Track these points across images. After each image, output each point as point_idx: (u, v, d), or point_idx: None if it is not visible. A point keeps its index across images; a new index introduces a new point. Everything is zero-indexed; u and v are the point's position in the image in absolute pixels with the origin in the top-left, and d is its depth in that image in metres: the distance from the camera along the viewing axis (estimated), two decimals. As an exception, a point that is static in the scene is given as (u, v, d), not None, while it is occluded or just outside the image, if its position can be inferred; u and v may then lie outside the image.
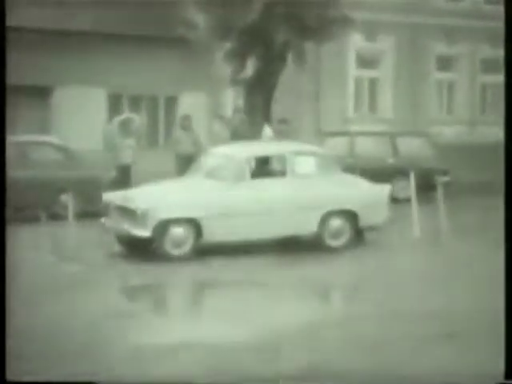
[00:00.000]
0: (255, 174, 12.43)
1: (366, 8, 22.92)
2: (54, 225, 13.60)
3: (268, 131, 19.68)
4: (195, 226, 11.80)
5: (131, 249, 12.27)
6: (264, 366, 6.94)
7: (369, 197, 12.87)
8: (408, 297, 9.72)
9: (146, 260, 11.70)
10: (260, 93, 18.88)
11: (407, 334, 7.94)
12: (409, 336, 7.86)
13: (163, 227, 11.65)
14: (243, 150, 12.86)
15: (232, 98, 21.87)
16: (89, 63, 20.46)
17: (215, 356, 7.24)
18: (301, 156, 12.75)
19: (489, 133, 26.47)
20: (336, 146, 17.74)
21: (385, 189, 13.10)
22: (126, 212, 11.90)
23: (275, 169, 12.88)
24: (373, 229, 12.97)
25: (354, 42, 24.32)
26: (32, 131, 17.97)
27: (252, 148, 13.40)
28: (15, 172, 13.54)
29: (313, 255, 12.23)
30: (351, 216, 12.62)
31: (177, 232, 11.74)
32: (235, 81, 19.14)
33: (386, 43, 25.40)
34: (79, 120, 20.40)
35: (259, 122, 18.65)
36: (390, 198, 13.22)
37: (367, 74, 25.51)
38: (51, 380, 6.52)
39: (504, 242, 6.78)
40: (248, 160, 12.49)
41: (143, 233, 11.62)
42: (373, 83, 25.58)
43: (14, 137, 14.33)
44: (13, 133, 12.50)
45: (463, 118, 26.61)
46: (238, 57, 18.64)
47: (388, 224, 13.02)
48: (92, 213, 13.53)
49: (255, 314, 8.97)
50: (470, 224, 15.09)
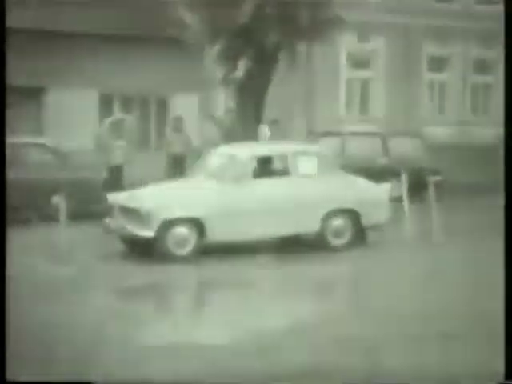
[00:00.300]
0: (258, 174, 12.54)
1: (358, 9, 22.93)
2: (46, 226, 13.57)
3: (265, 131, 19.73)
4: (198, 226, 11.87)
5: (134, 249, 12.32)
6: (268, 366, 6.94)
7: (370, 196, 13.00)
8: (403, 297, 9.73)
9: (149, 260, 11.73)
10: (252, 94, 18.87)
11: (404, 335, 7.94)
12: (406, 336, 7.87)
13: (167, 227, 11.71)
14: (246, 150, 12.97)
15: (224, 99, 21.86)
16: (80, 64, 20.43)
17: (218, 357, 7.23)
18: (303, 156, 12.86)
19: (480, 133, 26.53)
20: (328, 147, 17.74)
21: (385, 188, 13.20)
22: (130, 212, 11.98)
23: (277, 168, 12.97)
24: (375, 228, 13.07)
25: (346, 43, 24.32)
26: (24, 132, 17.92)
27: (254, 148, 13.51)
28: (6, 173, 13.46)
29: (315, 254, 12.31)
30: (353, 215, 12.74)
31: (180, 232, 11.81)
32: (227, 82, 19.13)
33: (378, 44, 25.43)
34: (71, 121, 20.36)
35: (251, 123, 18.66)
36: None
37: (359, 75, 25.52)
38: (51, 380, 6.51)
39: (504, 242, 6.79)
40: (250, 160, 12.58)
41: (147, 233, 11.69)
42: (365, 84, 25.60)
43: (6, 138, 14.26)
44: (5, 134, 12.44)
45: (455, 119, 26.64)
46: (230, 58, 18.63)
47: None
48: (84, 214, 13.50)
49: (258, 314, 9.01)
50: (462, 224, 15.12)
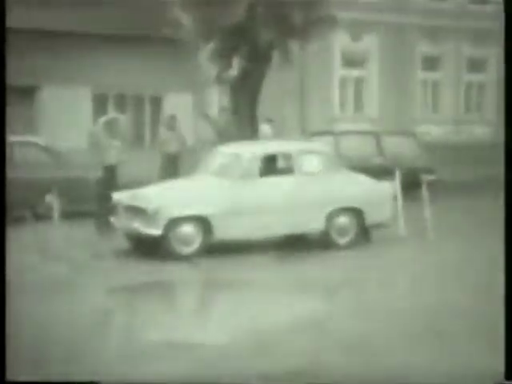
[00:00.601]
0: (263, 172, 12.59)
1: (352, 7, 22.97)
2: (40, 225, 13.56)
3: (265, 129, 19.72)
4: (205, 224, 11.95)
5: (139, 247, 12.38)
6: (274, 366, 6.95)
7: (374, 194, 13.08)
8: (399, 296, 9.74)
9: (153, 258, 11.77)
10: (246, 92, 18.87)
11: (400, 332, 7.96)
12: (404, 335, 7.89)
13: (173, 225, 11.78)
14: (251, 149, 13.05)
15: (218, 98, 21.86)
16: (74, 63, 20.42)
17: (221, 356, 7.25)
18: (307, 154, 12.94)
19: (474, 131, 26.59)
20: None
21: (389, 186, 13.29)
22: (136, 211, 12.03)
23: (282, 167, 13.03)
24: (379, 226, 13.16)
25: (340, 42, 24.36)
26: (17, 131, 17.89)
27: (259, 146, 13.56)
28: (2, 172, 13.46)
29: (320, 252, 12.43)
30: (357, 213, 12.83)
31: (186, 230, 11.89)
32: (221, 80, 19.12)
33: (372, 43, 25.46)
34: (65, 120, 20.35)
35: (245, 122, 18.65)
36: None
37: (353, 74, 25.55)
38: (51, 380, 6.52)
39: (504, 242, 6.80)
40: (256, 158, 12.62)
41: (154, 231, 11.75)
42: (358, 83, 25.63)
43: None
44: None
45: (448, 117, 26.70)
46: (224, 56, 18.62)
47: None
48: (77, 213, 13.48)
49: (262, 312, 9.06)
50: (456, 222, 15.15)
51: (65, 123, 20.20)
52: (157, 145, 18.44)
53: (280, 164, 13.13)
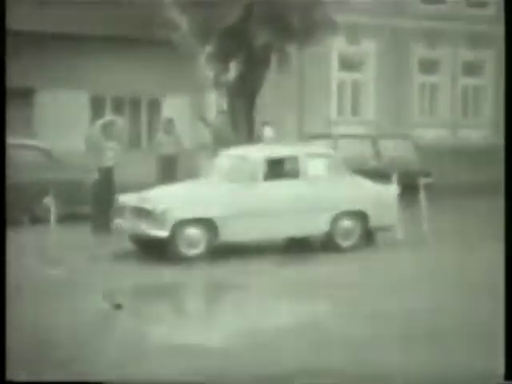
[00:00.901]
0: (268, 176, 12.65)
1: (349, 11, 22.98)
2: (37, 228, 13.56)
3: (268, 131, 19.74)
4: (211, 226, 12.01)
5: (144, 249, 12.44)
6: (282, 367, 6.95)
7: (379, 198, 13.14)
8: (396, 298, 9.74)
9: (158, 261, 11.79)
10: (243, 95, 18.90)
11: (401, 335, 7.96)
12: (404, 336, 7.90)
13: (180, 227, 11.85)
14: (257, 152, 13.13)
15: (215, 101, 21.87)
16: (72, 65, 20.42)
17: (222, 358, 7.26)
18: (313, 158, 13.02)
19: (471, 135, 26.62)
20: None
21: (393, 190, 13.33)
22: (143, 213, 12.07)
23: (288, 170, 13.07)
24: (384, 229, 13.27)
25: (337, 45, 24.36)
26: (14, 133, 17.87)
27: (265, 150, 13.62)
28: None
29: (324, 255, 12.48)
30: (362, 217, 12.89)
31: (193, 232, 11.95)
32: (218, 83, 19.14)
33: (369, 46, 25.49)
34: (62, 122, 20.35)
35: (242, 125, 18.69)
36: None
37: (350, 77, 25.58)
38: (51, 380, 6.51)
39: (504, 242, 6.82)
40: (262, 162, 12.67)
41: (161, 233, 11.81)
42: (356, 86, 25.65)
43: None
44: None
45: (445, 121, 26.72)
46: (221, 59, 18.65)
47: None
48: (75, 215, 13.47)
49: (267, 314, 9.10)
50: (453, 225, 15.17)
51: (62, 126, 20.20)
52: (153, 147, 18.45)
53: (287, 167, 13.15)
